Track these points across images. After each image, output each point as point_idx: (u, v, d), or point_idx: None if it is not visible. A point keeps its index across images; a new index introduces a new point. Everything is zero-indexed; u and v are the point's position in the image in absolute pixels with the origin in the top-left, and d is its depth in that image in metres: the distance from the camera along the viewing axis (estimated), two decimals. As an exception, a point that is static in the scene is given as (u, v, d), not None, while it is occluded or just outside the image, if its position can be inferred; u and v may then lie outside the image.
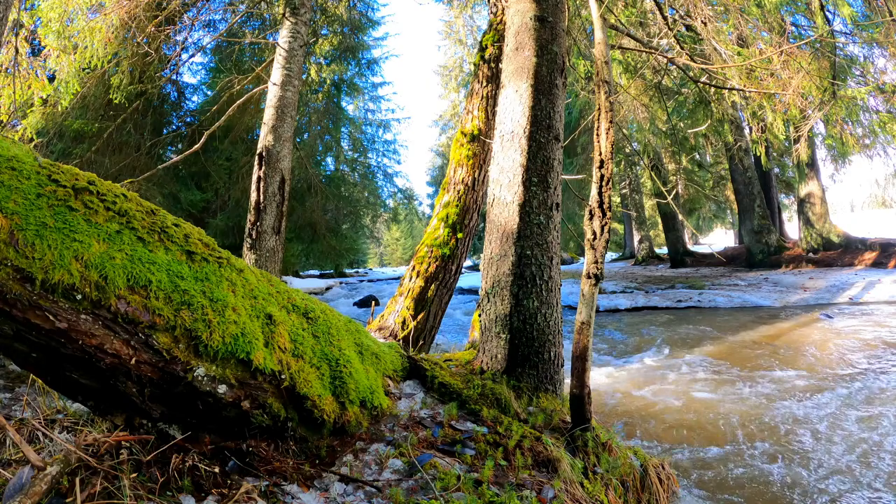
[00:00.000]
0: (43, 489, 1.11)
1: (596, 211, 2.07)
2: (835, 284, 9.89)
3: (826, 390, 4.01)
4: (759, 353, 5.41)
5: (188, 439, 1.44)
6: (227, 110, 5.97)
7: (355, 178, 19.28)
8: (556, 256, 2.59)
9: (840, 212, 36.14)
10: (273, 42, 5.67)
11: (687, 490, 2.48)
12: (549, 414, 2.24)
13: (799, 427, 3.28)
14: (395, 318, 3.77)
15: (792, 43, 4.89)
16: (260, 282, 1.67)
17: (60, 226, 1.17)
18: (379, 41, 19.25)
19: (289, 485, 1.43)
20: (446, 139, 32.32)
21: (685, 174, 16.47)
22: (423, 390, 2.20)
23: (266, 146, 4.94)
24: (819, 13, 6.22)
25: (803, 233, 13.99)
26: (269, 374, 1.49)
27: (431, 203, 30.85)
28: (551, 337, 2.50)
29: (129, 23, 5.15)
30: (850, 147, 7.28)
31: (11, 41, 4.85)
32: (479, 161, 4.01)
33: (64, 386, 1.33)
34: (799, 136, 7.01)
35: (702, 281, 12.48)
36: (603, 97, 2.17)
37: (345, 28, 15.76)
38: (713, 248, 20.90)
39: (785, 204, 20.08)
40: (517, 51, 2.72)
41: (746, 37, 5.15)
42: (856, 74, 6.68)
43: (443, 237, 3.89)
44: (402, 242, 48.08)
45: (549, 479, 1.69)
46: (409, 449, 1.68)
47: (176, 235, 1.42)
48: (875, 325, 6.48)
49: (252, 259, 4.73)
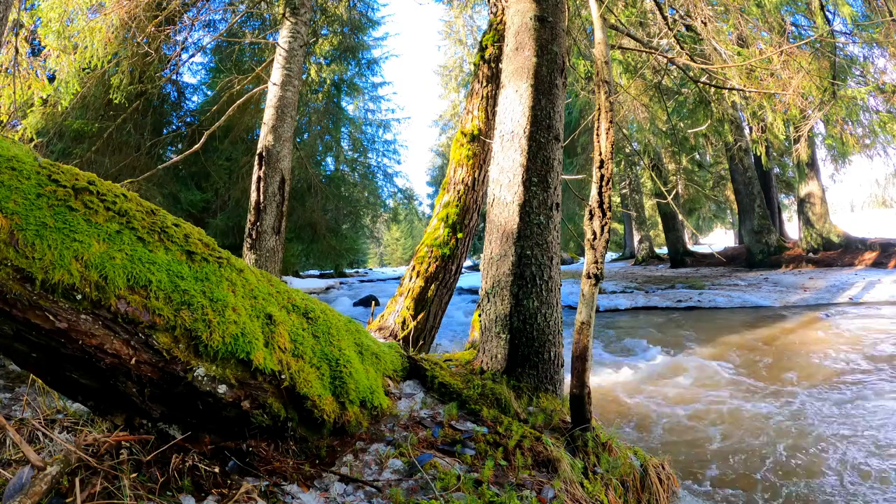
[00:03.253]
0: (43, 489, 1.11)
1: (596, 211, 2.07)
2: (835, 284, 9.89)
3: (826, 390, 4.01)
4: (758, 352, 5.41)
5: (188, 439, 1.44)
6: (227, 110, 5.96)
7: (355, 178, 19.29)
8: (556, 256, 2.59)
9: (840, 212, 36.12)
10: (273, 42, 5.67)
11: (687, 490, 2.48)
12: (549, 414, 2.24)
13: (803, 426, 3.28)
14: (395, 318, 3.77)
15: (792, 43, 4.89)
16: (260, 282, 1.67)
17: (60, 226, 1.17)
18: (379, 41, 19.28)
19: (289, 485, 1.43)
20: (446, 139, 32.31)
21: (685, 174, 16.47)
22: (423, 390, 2.20)
23: (266, 146, 4.94)
24: (819, 13, 6.22)
25: (803, 233, 13.99)
26: (269, 374, 1.49)
27: (431, 203, 30.82)
28: (551, 337, 2.50)
29: (129, 23, 5.15)
30: (850, 147, 7.28)
31: (11, 41, 4.85)
32: (479, 161, 4.00)
33: (64, 386, 1.33)
34: (799, 136, 7.01)
35: (702, 281, 12.48)
36: (603, 97, 2.17)
37: (345, 28, 15.77)
38: (713, 248, 20.89)
39: (785, 204, 20.08)
40: (517, 51, 2.72)
41: (746, 37, 5.15)
42: (856, 74, 6.68)
43: (443, 237, 3.89)
44: (402, 242, 48.07)
45: (549, 479, 1.69)
46: (409, 449, 1.68)
47: (176, 235, 1.42)
48: (875, 325, 6.48)
49: (252, 259, 4.73)
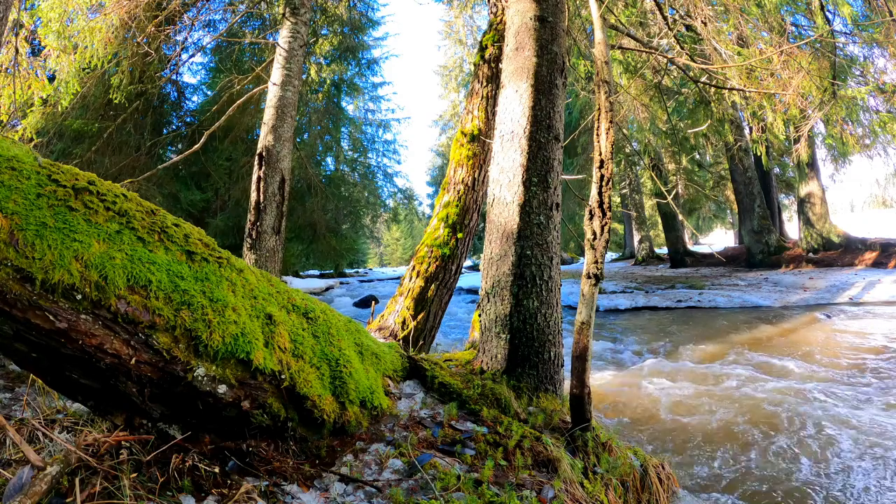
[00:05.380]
0: (43, 489, 1.11)
1: (596, 211, 2.07)
2: (835, 284, 9.89)
3: (827, 391, 4.01)
4: (758, 352, 5.41)
5: (188, 439, 1.44)
6: (227, 110, 5.96)
7: (355, 178, 19.28)
8: (556, 256, 2.59)
9: (840, 212, 36.14)
10: (273, 42, 5.67)
11: (687, 490, 2.48)
12: (549, 414, 2.24)
13: (803, 426, 3.28)
14: (395, 318, 3.77)
15: (792, 43, 4.89)
16: (260, 282, 1.67)
17: (60, 226, 1.17)
18: (379, 41, 19.28)
19: (289, 485, 1.43)
20: (446, 139, 32.30)
21: (685, 174, 16.46)
22: (423, 390, 2.20)
23: (266, 146, 4.94)
24: (819, 13, 6.22)
25: (803, 233, 13.99)
26: (269, 374, 1.49)
27: (431, 203, 30.83)
28: (551, 337, 2.50)
29: (129, 23, 5.15)
30: (850, 147, 7.28)
31: (11, 41, 4.85)
32: (479, 161, 4.00)
33: (64, 386, 1.33)
34: (799, 136, 7.01)
35: (702, 281, 12.48)
36: (603, 97, 2.17)
37: (345, 28, 15.77)
38: (713, 248, 20.88)
39: (785, 204, 20.07)
40: (517, 51, 2.72)
41: (746, 37, 5.15)
42: (856, 74, 6.67)
43: (443, 237, 3.89)
44: (402, 242, 48.07)
45: (549, 479, 1.69)
46: (409, 449, 1.68)
47: (176, 235, 1.42)
48: (875, 325, 6.48)
49: (252, 259, 4.73)
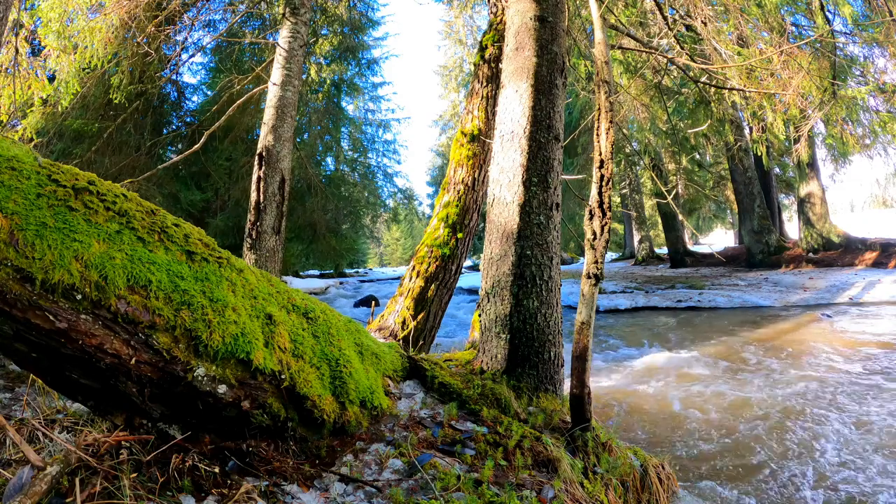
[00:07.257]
0: (43, 489, 1.11)
1: (596, 211, 2.07)
2: (835, 284, 9.89)
3: (828, 390, 4.01)
4: (758, 352, 5.41)
5: (188, 439, 1.44)
6: (227, 110, 5.96)
7: (355, 178, 19.26)
8: (556, 256, 2.59)
9: (840, 212, 36.10)
10: (273, 42, 5.67)
11: (687, 490, 2.48)
12: (549, 414, 2.24)
13: (803, 425, 3.28)
14: (395, 318, 3.77)
15: (792, 43, 4.89)
16: (260, 282, 1.67)
17: (60, 226, 1.17)
18: (379, 41, 19.25)
19: (289, 485, 1.43)
20: (446, 139, 32.28)
21: (685, 174, 16.46)
22: (423, 390, 2.20)
23: (266, 146, 4.94)
24: (819, 13, 6.22)
25: (803, 233, 13.99)
26: (269, 374, 1.49)
27: (431, 203, 30.80)
28: (551, 337, 2.50)
29: (129, 23, 5.15)
30: (850, 147, 7.28)
31: (11, 41, 4.85)
32: (479, 161, 4.00)
33: (64, 386, 1.33)
34: (799, 136, 7.00)
35: (702, 281, 12.48)
36: (603, 97, 2.17)
37: (345, 28, 15.76)
38: (713, 248, 20.87)
39: (785, 204, 20.06)
40: (517, 51, 2.72)
41: (746, 37, 5.15)
42: (856, 74, 6.67)
43: (443, 237, 3.89)
44: (402, 242, 48.06)
45: (549, 479, 1.69)
46: (409, 449, 1.68)
47: (176, 235, 1.42)
48: (876, 325, 6.48)
49: (252, 259, 4.72)
